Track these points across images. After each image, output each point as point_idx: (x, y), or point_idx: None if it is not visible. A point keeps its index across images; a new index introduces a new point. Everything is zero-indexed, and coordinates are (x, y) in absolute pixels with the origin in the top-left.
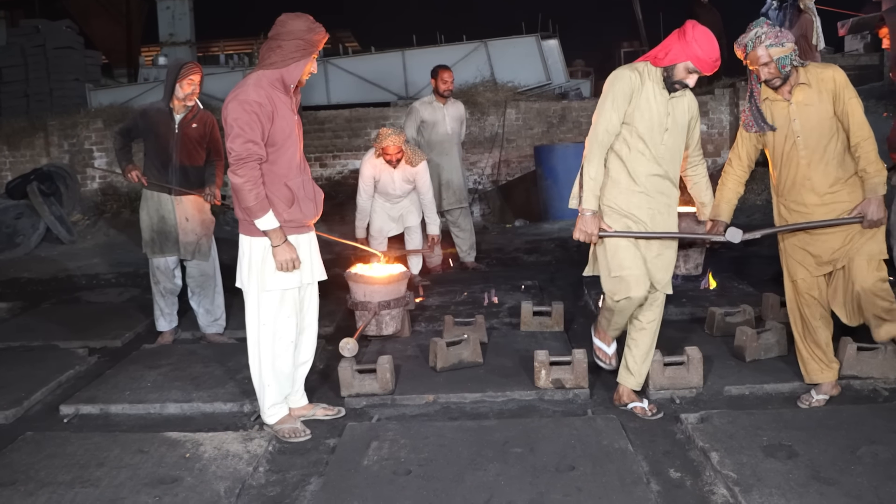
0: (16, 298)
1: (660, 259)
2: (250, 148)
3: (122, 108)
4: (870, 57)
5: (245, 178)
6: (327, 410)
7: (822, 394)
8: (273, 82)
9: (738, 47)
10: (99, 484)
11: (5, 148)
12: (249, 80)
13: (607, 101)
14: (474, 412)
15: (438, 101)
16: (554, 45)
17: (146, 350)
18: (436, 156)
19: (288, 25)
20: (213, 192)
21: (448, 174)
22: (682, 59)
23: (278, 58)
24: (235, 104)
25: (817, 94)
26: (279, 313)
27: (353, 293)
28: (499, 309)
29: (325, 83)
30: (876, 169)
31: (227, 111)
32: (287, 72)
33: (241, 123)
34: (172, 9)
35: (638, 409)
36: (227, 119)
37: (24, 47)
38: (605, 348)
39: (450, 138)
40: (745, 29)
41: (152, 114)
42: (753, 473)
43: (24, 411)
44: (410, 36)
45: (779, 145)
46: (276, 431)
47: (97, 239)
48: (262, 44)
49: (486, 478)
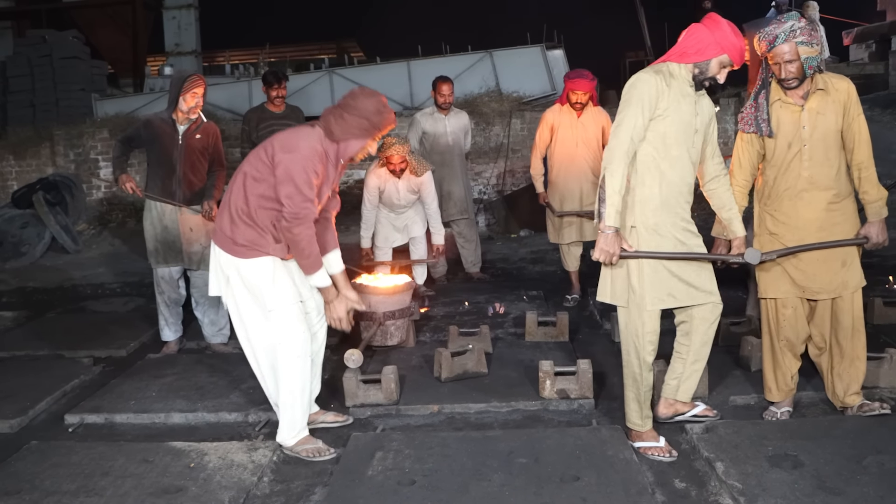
0: (21, 308)
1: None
2: (308, 208)
3: (127, 117)
4: (875, 66)
5: (301, 237)
6: (336, 417)
7: (784, 407)
8: (328, 148)
9: (765, 38)
10: (104, 493)
11: (11, 157)
12: (311, 136)
13: (631, 108)
14: (479, 422)
15: (440, 112)
16: (559, 55)
17: (151, 360)
18: (437, 167)
19: (358, 101)
20: (211, 207)
21: (449, 185)
22: (717, 52)
23: (339, 130)
24: (296, 160)
25: (832, 103)
26: (295, 327)
27: None
28: (503, 319)
29: (329, 93)
30: (878, 192)
31: (285, 163)
32: (344, 146)
33: (300, 182)
34: (178, 19)
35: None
36: (285, 171)
37: (30, 57)
38: (655, 444)
39: (451, 149)
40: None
41: (156, 124)
42: (759, 483)
43: (30, 420)
44: (416, 46)
45: (781, 152)
46: (297, 453)
47: (102, 248)
48: (266, 53)
49: (491, 488)
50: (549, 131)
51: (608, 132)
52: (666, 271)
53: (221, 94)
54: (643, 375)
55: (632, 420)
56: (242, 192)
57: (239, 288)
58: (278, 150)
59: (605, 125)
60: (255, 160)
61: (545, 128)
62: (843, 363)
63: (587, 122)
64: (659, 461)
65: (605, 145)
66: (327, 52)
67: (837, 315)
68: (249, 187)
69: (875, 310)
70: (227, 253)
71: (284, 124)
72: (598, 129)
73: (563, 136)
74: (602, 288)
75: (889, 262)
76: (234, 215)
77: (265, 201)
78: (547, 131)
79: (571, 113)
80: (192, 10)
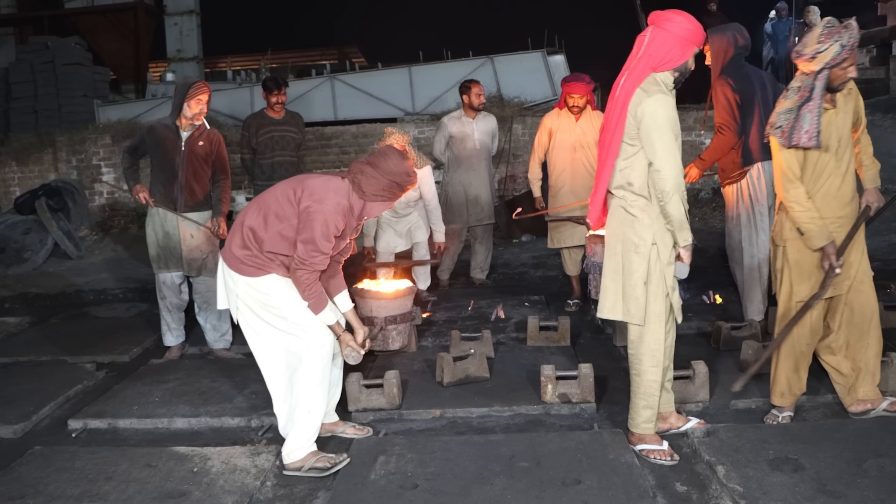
0: (24, 313)
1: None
2: (320, 260)
3: (129, 123)
4: (875, 70)
5: (303, 281)
6: (357, 431)
7: (786, 412)
8: (354, 203)
9: (829, 43)
10: (107, 498)
11: (14, 163)
12: (340, 190)
13: (667, 134)
14: (481, 427)
15: (468, 115)
16: (560, 60)
17: (154, 365)
18: (464, 171)
19: (390, 162)
20: (218, 224)
21: (476, 190)
22: (692, 49)
23: (369, 189)
24: (320, 212)
25: (852, 101)
26: (319, 330)
27: (359, 308)
28: (505, 324)
29: (331, 99)
30: (874, 160)
31: (310, 211)
32: (370, 206)
33: (318, 235)
34: (180, 25)
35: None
36: (308, 220)
37: (33, 64)
38: (658, 447)
39: (478, 153)
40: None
41: (159, 130)
42: (759, 487)
43: (33, 426)
44: (417, 52)
45: (814, 156)
46: (307, 470)
47: (105, 254)
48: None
49: (493, 492)
50: (548, 136)
51: None
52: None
53: (223, 100)
54: (661, 384)
55: (639, 425)
56: (262, 223)
57: (253, 303)
58: (307, 195)
59: None
60: (282, 197)
61: (544, 132)
62: (868, 353)
63: (585, 127)
64: (660, 465)
65: None
66: (329, 58)
67: (853, 306)
68: (270, 222)
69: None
70: (235, 271)
71: (284, 130)
72: (597, 133)
73: (561, 141)
74: (609, 305)
75: (890, 267)
76: (247, 241)
77: (281, 240)
78: (545, 136)
79: (570, 117)
80: (193, 16)
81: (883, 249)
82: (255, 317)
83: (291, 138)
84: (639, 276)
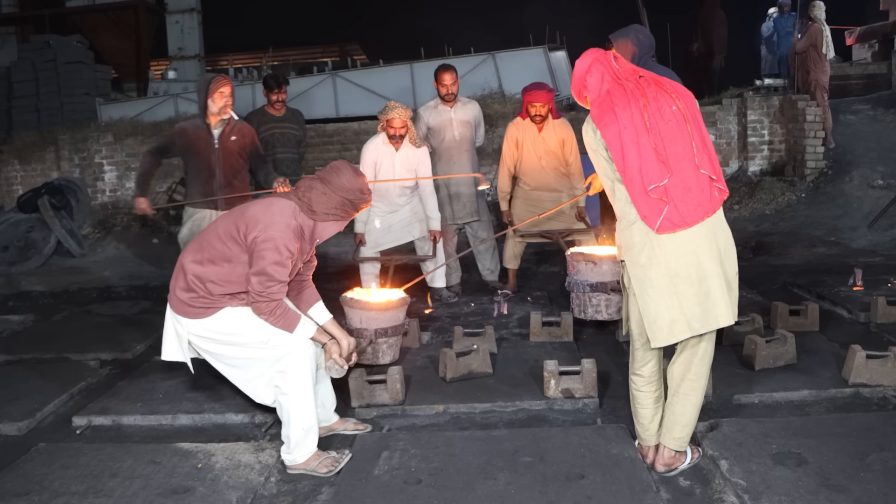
0: (28, 311)
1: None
2: (277, 290)
3: (132, 121)
4: (878, 66)
5: (268, 309)
6: (357, 426)
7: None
8: (304, 223)
9: None
10: (112, 494)
11: (17, 162)
12: (285, 211)
13: None
14: (484, 422)
15: (445, 104)
16: (561, 56)
17: (157, 362)
18: (443, 165)
19: (342, 177)
20: (283, 183)
21: (457, 185)
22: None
23: (319, 207)
24: (269, 241)
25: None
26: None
27: (348, 319)
28: (508, 319)
29: (333, 96)
30: None
31: (259, 239)
32: (320, 227)
33: (269, 265)
34: (181, 23)
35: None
36: (258, 249)
37: (35, 62)
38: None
39: (458, 145)
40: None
41: (191, 132)
42: (763, 481)
43: (37, 423)
44: (418, 48)
45: None
46: (312, 471)
47: (108, 252)
48: (269, 56)
49: (497, 487)
50: (516, 146)
51: (569, 144)
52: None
53: None
54: None
55: (684, 439)
56: (210, 268)
57: (210, 344)
58: (251, 227)
59: (566, 137)
60: (225, 236)
61: (510, 142)
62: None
63: (547, 136)
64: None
65: (566, 158)
66: (330, 55)
67: None
68: (219, 265)
69: (878, 309)
70: (183, 316)
71: (285, 127)
72: (559, 142)
73: (527, 151)
74: (649, 329)
75: (893, 262)
76: (192, 285)
77: (234, 282)
78: (513, 145)
79: (533, 127)
80: (194, 14)
81: (885, 244)
82: (221, 350)
83: (292, 135)
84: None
